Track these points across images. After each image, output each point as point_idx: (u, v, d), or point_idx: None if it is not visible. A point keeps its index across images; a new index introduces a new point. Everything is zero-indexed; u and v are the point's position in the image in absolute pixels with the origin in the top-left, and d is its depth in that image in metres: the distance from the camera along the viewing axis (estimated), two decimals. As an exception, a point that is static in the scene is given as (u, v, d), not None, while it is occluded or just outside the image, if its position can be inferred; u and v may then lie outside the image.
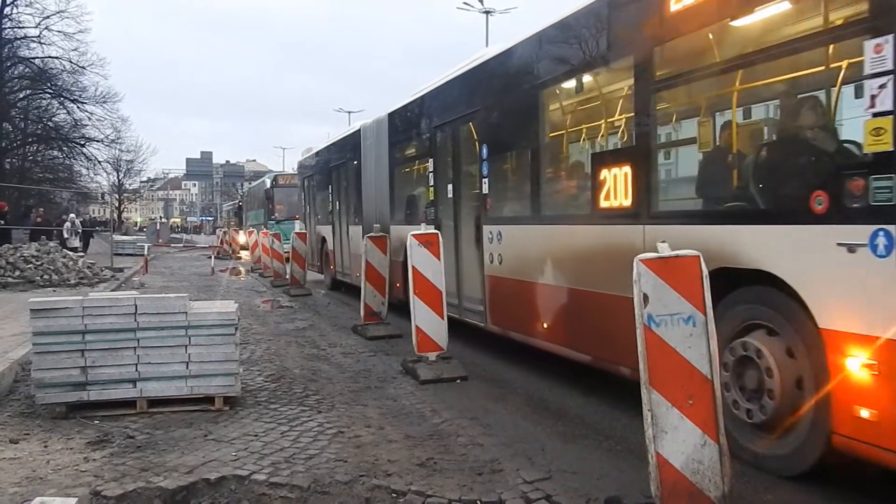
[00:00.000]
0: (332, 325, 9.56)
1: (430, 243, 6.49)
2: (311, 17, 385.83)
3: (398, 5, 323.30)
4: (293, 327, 9.28)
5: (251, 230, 27.36)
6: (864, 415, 3.32)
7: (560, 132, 6.43)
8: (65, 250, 16.36)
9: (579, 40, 5.74)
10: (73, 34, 28.81)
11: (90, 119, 31.43)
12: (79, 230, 23.65)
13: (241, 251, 28.15)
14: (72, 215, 25.68)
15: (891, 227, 3.20)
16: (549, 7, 6.15)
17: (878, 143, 3.28)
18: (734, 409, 4.03)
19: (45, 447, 4.32)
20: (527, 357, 6.78)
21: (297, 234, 15.00)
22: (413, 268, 6.42)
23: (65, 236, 22.42)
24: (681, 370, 3.07)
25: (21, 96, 31.37)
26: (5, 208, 21.32)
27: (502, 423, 4.86)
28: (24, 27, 29.30)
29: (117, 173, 46.64)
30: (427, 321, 6.40)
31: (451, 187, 8.20)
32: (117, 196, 51.64)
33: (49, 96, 31.42)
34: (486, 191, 7.24)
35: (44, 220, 24.67)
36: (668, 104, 5.05)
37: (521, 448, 4.29)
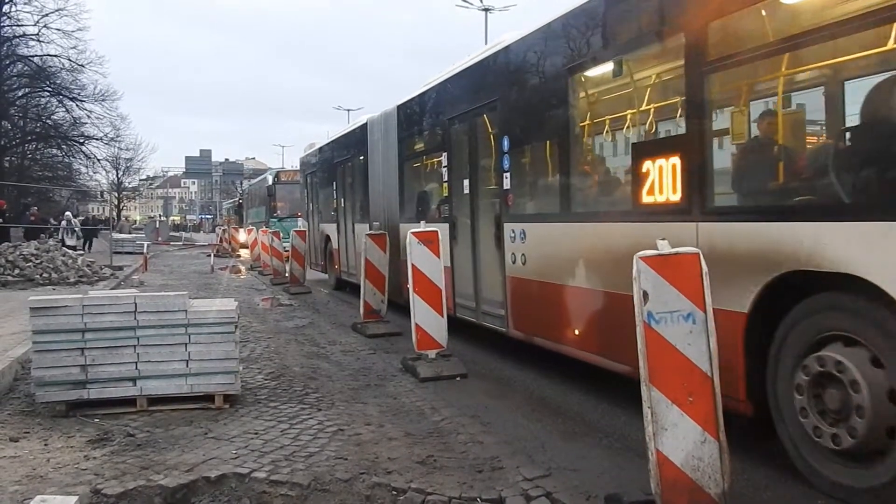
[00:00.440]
0: (331, 322, 9.56)
1: (429, 241, 6.49)
2: (311, 15, 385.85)
3: (398, 3, 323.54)
4: (293, 325, 9.28)
5: (250, 228, 27.26)
6: None
7: (595, 120, 5.84)
8: (64, 248, 16.35)
9: (619, 17, 5.23)
10: (72, 32, 28.80)
11: (89, 117, 31.47)
12: (75, 228, 23.50)
13: (241, 249, 27.96)
14: (68, 213, 25.50)
15: None
16: (548, 5, 6.13)
17: None
18: (816, 437, 3.55)
19: (46, 445, 4.32)
20: (526, 355, 6.78)
21: (296, 231, 15.00)
22: (413, 266, 6.42)
23: (61, 234, 22.25)
24: (681, 367, 3.08)
25: (20, 94, 31.34)
26: (3, 206, 21.28)
27: (502, 421, 4.86)
28: (22, 25, 29.28)
29: (116, 171, 46.57)
30: (427, 319, 6.40)
31: (467, 183, 7.69)
32: (116, 194, 51.60)
33: (48, 94, 31.43)
34: (507, 186, 6.73)
35: (38, 218, 24.31)
36: (728, 86, 4.50)
37: (521, 445, 4.30)
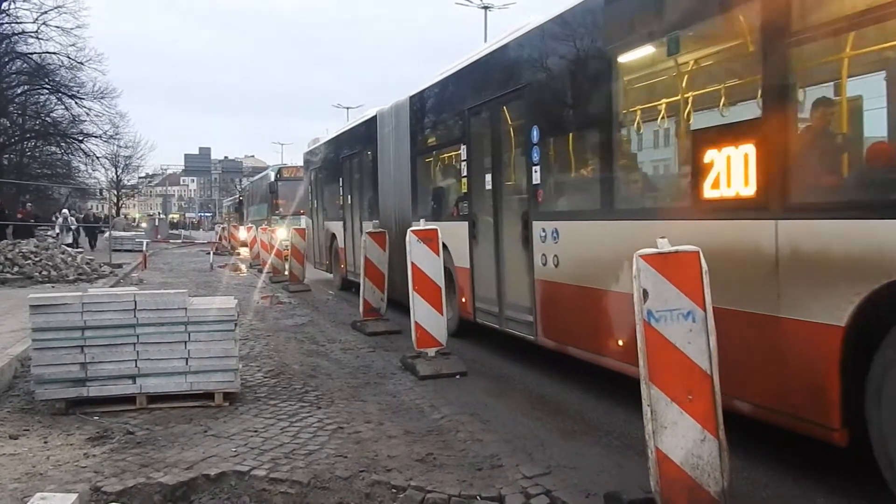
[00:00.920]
0: (331, 321, 9.56)
1: (429, 239, 6.50)
2: (310, 14, 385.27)
3: (398, 3, 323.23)
4: (292, 323, 9.28)
5: (250, 226, 27.11)
6: None
7: (644, 105, 5.17)
8: (63, 246, 16.34)
9: None
10: (71, 29, 28.81)
11: (88, 115, 31.49)
12: (71, 226, 23.23)
13: (241, 248, 27.80)
14: (64, 211, 25.29)
15: None
16: (547, 3, 6.09)
17: None
18: None
19: (45, 443, 4.32)
20: (526, 353, 6.78)
21: (295, 230, 14.98)
22: (412, 264, 6.43)
23: (56, 231, 21.95)
24: (680, 366, 3.08)
25: (19, 92, 31.34)
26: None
27: (502, 419, 4.87)
28: (21, 22, 29.25)
29: (115, 169, 46.62)
30: (426, 317, 6.40)
31: (489, 178, 7.14)
32: (116, 192, 51.60)
33: (47, 92, 31.43)
34: (536, 181, 6.14)
35: (26, 214, 23.50)
36: (818, 59, 3.85)
37: (521, 444, 4.30)
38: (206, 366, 5.08)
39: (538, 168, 6.14)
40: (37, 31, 29.03)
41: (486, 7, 32.70)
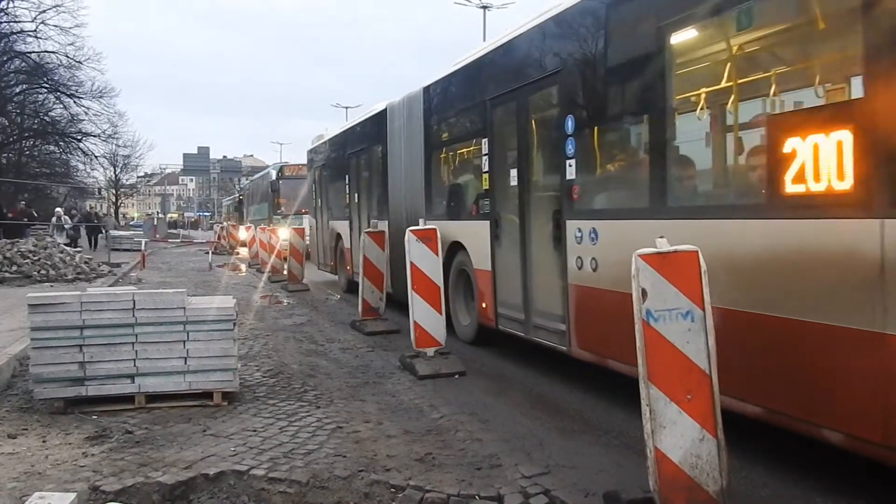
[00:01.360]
0: (330, 320, 9.56)
1: (428, 239, 6.49)
2: (310, 14, 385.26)
3: (398, 2, 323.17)
4: (291, 323, 9.28)
5: (249, 226, 27.00)
6: None
7: (707, 89, 4.53)
8: (61, 245, 16.30)
9: None
10: (70, 29, 28.77)
11: (87, 114, 31.50)
12: (64, 225, 22.85)
13: (241, 248, 27.66)
14: (58, 210, 24.76)
15: None
16: (548, 3, 6.06)
17: None
18: None
19: (44, 442, 4.32)
20: (525, 353, 6.78)
21: (294, 229, 14.95)
22: (411, 264, 6.42)
23: (51, 231, 21.59)
24: (679, 365, 3.09)
25: (17, 91, 31.32)
26: None
27: (501, 419, 4.87)
28: (20, 21, 29.21)
29: (114, 168, 46.62)
30: (425, 317, 6.40)
31: (514, 173, 6.54)
32: (114, 191, 51.59)
33: (45, 91, 31.42)
34: (571, 175, 5.54)
35: (17, 213, 22.82)
36: None
37: (520, 443, 4.30)
38: (204, 365, 5.08)
39: (573, 162, 5.53)
40: (35, 30, 29.03)
41: (485, 7, 32.75)
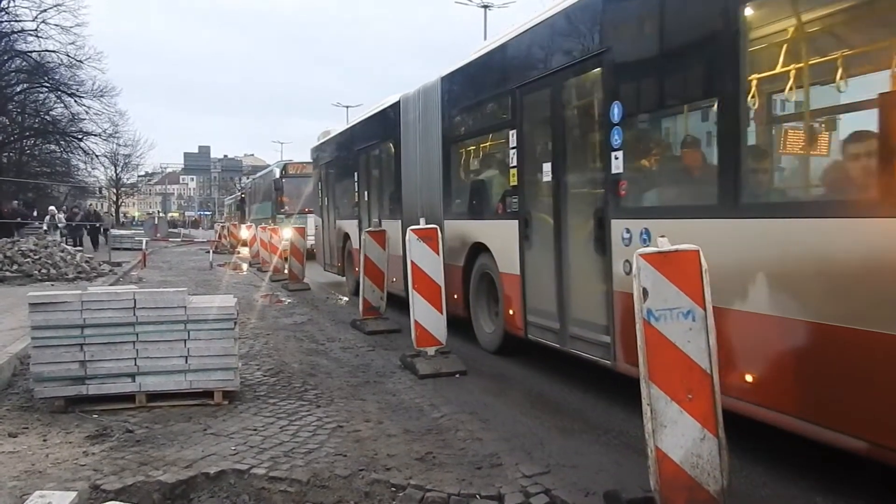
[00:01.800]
0: (330, 319, 9.56)
1: (429, 238, 6.48)
2: (310, 14, 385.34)
3: (398, 3, 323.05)
4: (292, 322, 9.28)
5: (250, 225, 26.92)
6: None
7: (790, 67, 3.83)
8: (62, 244, 16.30)
9: None
10: (71, 28, 28.84)
11: (87, 113, 31.58)
12: (58, 224, 22.54)
13: (242, 247, 27.55)
14: (51, 208, 24.35)
15: None
16: (548, 3, 6.07)
17: None
18: None
19: (45, 441, 4.32)
20: (525, 353, 6.78)
21: (295, 228, 14.94)
22: (412, 263, 6.41)
23: (44, 230, 21.11)
24: (680, 365, 3.08)
25: (18, 90, 31.39)
26: None
27: (501, 418, 4.87)
28: (21, 20, 29.27)
29: (115, 167, 46.67)
30: (426, 316, 6.39)
31: (547, 167, 5.94)
32: (115, 190, 51.63)
33: (46, 90, 31.49)
34: (617, 169, 4.95)
35: (10, 212, 21.97)
36: None
37: (520, 442, 4.30)
38: (205, 364, 5.08)
39: (620, 154, 4.94)
40: (36, 30, 29.10)
41: (485, 6, 32.71)
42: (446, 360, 6.30)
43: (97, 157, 34.85)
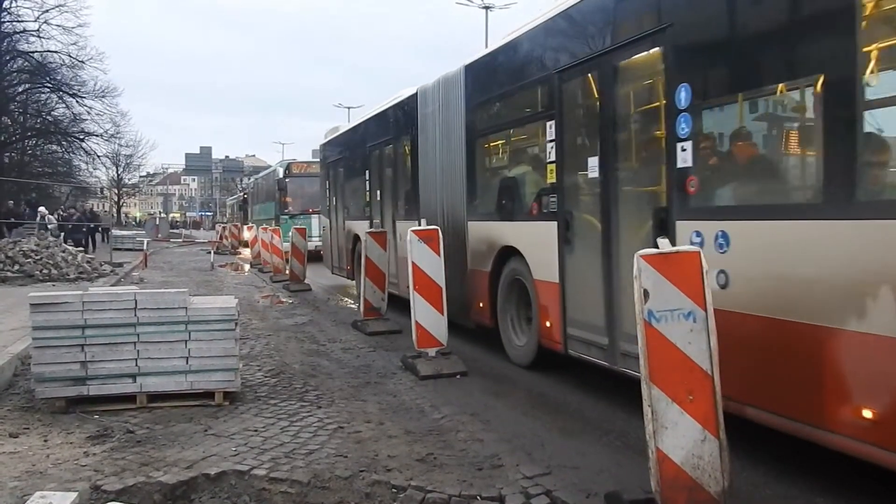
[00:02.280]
0: (331, 320, 9.56)
1: (430, 239, 6.48)
2: (309, 13, 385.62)
3: (399, 3, 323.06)
4: (292, 323, 9.28)
5: (251, 226, 26.92)
6: None
7: None
8: (63, 245, 16.29)
9: None
10: (73, 28, 28.97)
11: (89, 113, 31.67)
12: (48, 225, 22.11)
13: (243, 248, 27.49)
14: (41, 209, 23.46)
15: None
16: (548, 3, 6.06)
17: None
18: None
19: (45, 441, 4.32)
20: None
21: (296, 229, 14.94)
22: (413, 264, 6.41)
23: (35, 232, 20.87)
24: (681, 366, 3.08)
25: (20, 90, 31.47)
26: None
27: (502, 419, 4.86)
28: (23, 21, 29.39)
29: (116, 168, 46.75)
30: (427, 317, 6.39)
31: (594, 162, 5.29)
32: (116, 191, 51.71)
33: (48, 90, 31.57)
34: (685, 162, 4.31)
35: (5, 211, 21.71)
36: None
37: (521, 443, 4.30)
38: (206, 365, 5.08)
39: (689, 145, 4.29)
40: (38, 30, 29.21)
41: (486, 7, 32.74)
42: (447, 362, 6.30)
43: (99, 157, 34.98)
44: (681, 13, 4.43)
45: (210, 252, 22.58)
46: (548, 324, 5.99)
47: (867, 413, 3.22)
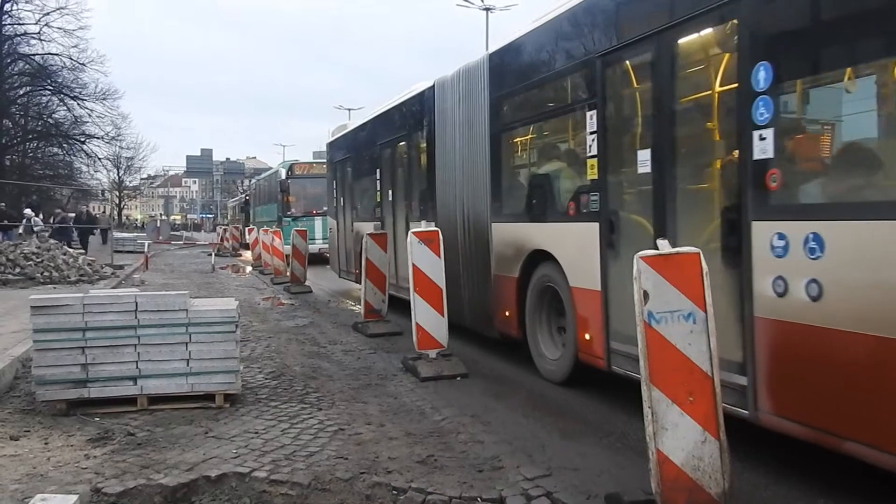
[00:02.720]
0: (332, 322, 9.56)
1: (430, 240, 6.47)
2: (309, 14, 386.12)
3: (399, 3, 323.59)
4: (293, 325, 9.28)
5: (251, 228, 26.90)
6: None
7: None
8: (65, 247, 16.32)
9: None
10: (73, 31, 29.09)
11: (90, 116, 31.79)
12: (34, 227, 21.40)
13: (244, 250, 27.50)
14: (27, 211, 23.22)
15: None
16: (548, 4, 6.06)
17: None
18: None
19: (46, 444, 4.32)
20: (526, 354, 6.77)
21: (297, 231, 14.94)
22: (413, 265, 6.41)
23: (19, 232, 20.11)
24: (681, 367, 3.08)
25: (21, 93, 31.58)
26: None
27: (502, 421, 4.86)
28: (24, 24, 29.52)
29: (117, 170, 46.83)
30: (427, 318, 6.39)
31: (645, 155, 4.71)
32: (117, 193, 51.80)
33: (49, 93, 31.68)
34: (764, 153, 3.71)
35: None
36: None
37: (522, 445, 4.30)
38: (206, 367, 5.08)
39: (769, 133, 3.69)
40: (39, 33, 29.33)
41: (487, 9, 32.72)
42: (448, 363, 6.30)
43: (100, 160, 35.07)
44: None
45: (211, 254, 22.59)
46: (587, 336, 5.41)
47: None
